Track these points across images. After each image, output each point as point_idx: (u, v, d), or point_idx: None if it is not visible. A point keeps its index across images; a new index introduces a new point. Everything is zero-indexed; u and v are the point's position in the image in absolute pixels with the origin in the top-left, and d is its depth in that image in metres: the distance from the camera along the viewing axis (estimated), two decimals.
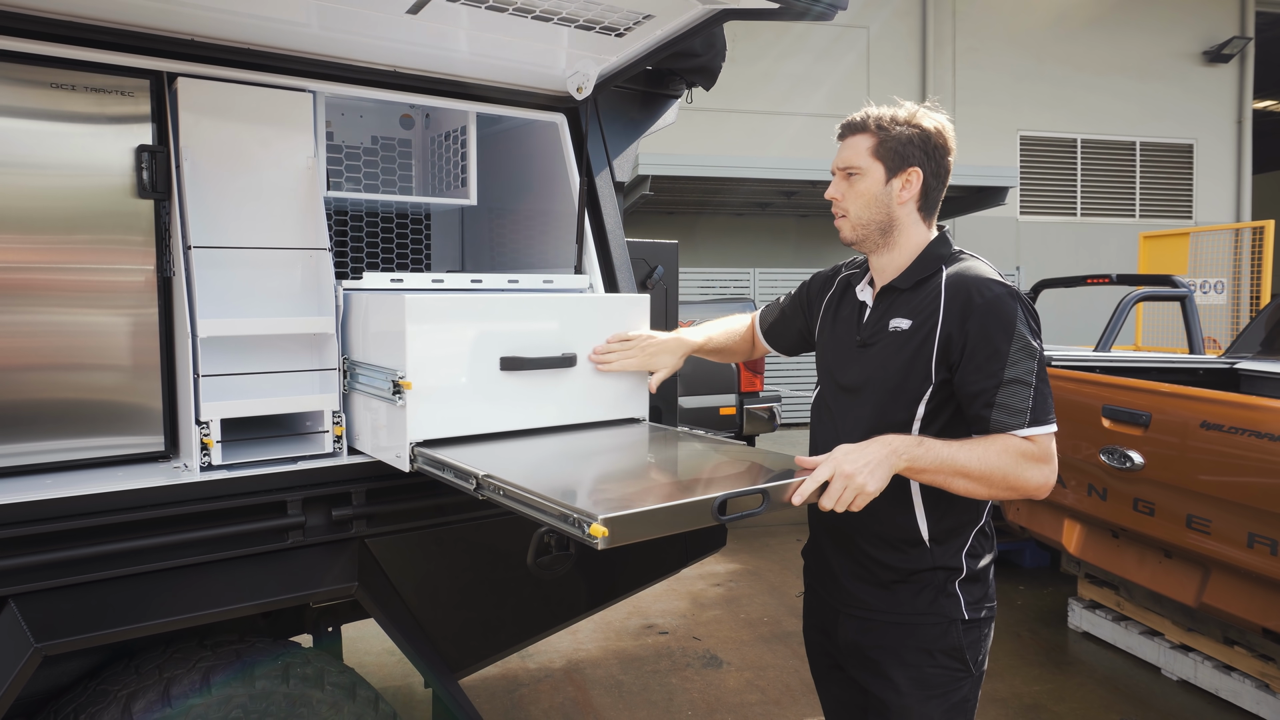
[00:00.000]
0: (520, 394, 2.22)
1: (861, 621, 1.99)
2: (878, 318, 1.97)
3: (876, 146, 1.91)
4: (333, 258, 2.34)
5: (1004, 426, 1.76)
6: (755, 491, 1.68)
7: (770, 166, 10.55)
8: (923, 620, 1.91)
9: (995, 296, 1.81)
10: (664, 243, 2.84)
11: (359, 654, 4.28)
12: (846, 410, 2.00)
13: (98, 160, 2.06)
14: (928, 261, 1.94)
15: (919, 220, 1.96)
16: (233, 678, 2.06)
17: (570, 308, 2.34)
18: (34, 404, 2.03)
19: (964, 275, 1.87)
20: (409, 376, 2.04)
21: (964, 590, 1.92)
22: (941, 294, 1.87)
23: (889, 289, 1.97)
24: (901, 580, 1.93)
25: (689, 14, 2.21)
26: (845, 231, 1.99)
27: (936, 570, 1.91)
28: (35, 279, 2.00)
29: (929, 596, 1.91)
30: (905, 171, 1.91)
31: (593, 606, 2.67)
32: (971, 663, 1.92)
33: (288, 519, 2.12)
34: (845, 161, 1.96)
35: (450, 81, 2.51)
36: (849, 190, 1.96)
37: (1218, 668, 3.99)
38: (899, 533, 1.92)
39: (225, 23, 2.12)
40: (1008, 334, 1.78)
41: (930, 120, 1.92)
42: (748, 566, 5.93)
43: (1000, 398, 1.77)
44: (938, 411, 1.88)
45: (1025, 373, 1.77)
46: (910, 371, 1.87)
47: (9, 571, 1.82)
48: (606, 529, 1.46)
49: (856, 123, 1.96)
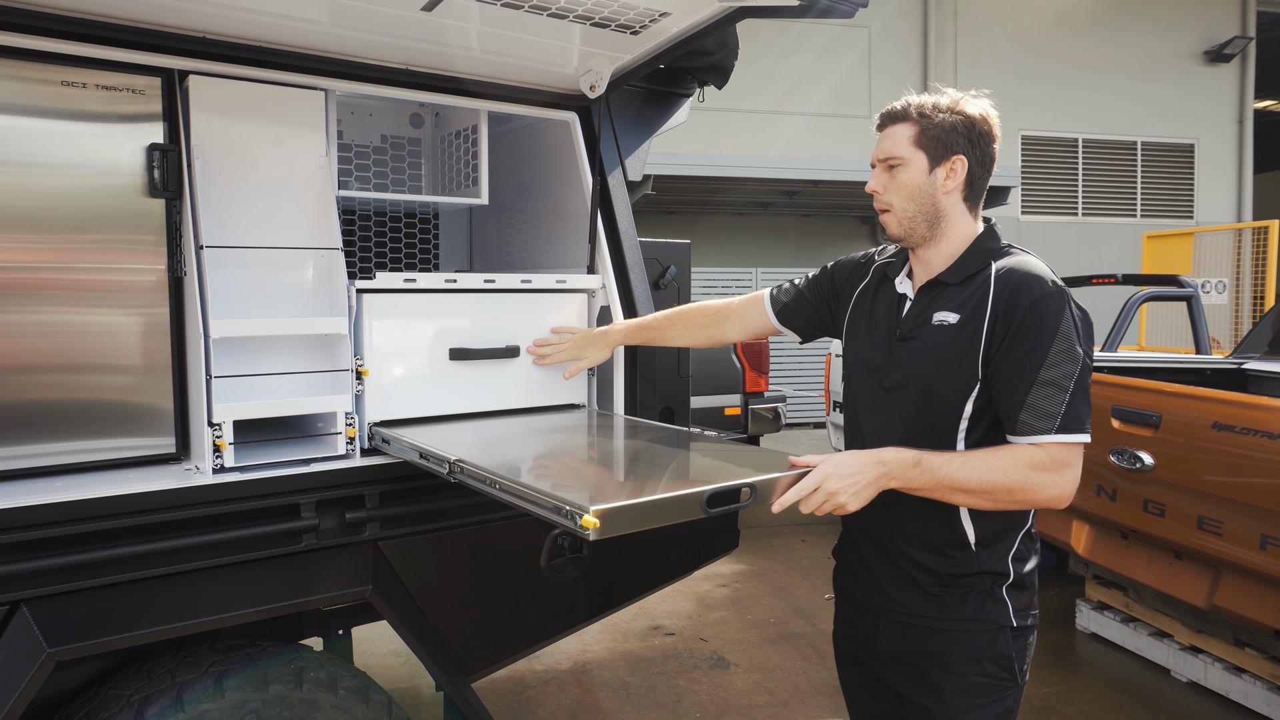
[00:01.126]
0: (469, 381, 2.46)
1: (904, 627, 1.89)
2: (919, 310, 1.88)
3: (918, 135, 1.82)
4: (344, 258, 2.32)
5: (1030, 429, 1.70)
6: (743, 485, 1.68)
7: (771, 166, 10.53)
8: (970, 627, 1.83)
9: (1044, 294, 1.73)
10: (676, 242, 2.83)
11: (364, 655, 4.25)
12: (883, 406, 1.91)
13: (108, 159, 2.04)
14: (976, 255, 1.84)
15: (965, 211, 1.87)
16: (245, 682, 2.04)
17: (512, 304, 2.53)
18: (44, 405, 2.00)
19: (1015, 270, 1.78)
20: (367, 364, 2.26)
21: (1012, 596, 1.84)
22: (991, 287, 1.78)
23: (934, 283, 1.88)
24: (946, 585, 1.85)
25: (706, 11, 2.19)
26: (891, 227, 1.89)
27: (983, 575, 1.83)
28: (45, 278, 1.98)
29: (976, 602, 1.83)
30: (949, 160, 1.81)
31: (606, 609, 2.65)
32: (1018, 672, 1.85)
33: (301, 522, 2.10)
34: (886, 152, 1.86)
35: (463, 79, 2.50)
36: (890, 182, 1.86)
37: (1228, 669, 3.97)
38: (943, 536, 1.84)
39: (237, 20, 2.09)
40: (1050, 333, 1.70)
41: (974, 106, 1.84)
42: (753, 567, 5.91)
43: (1032, 398, 1.69)
44: (985, 410, 1.79)
45: (1063, 376, 1.69)
46: (956, 367, 1.78)
47: (21, 576, 1.80)
48: (598, 520, 1.49)
49: (897, 111, 1.86)
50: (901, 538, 1.88)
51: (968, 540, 1.83)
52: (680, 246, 2.82)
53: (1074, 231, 14.00)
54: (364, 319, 2.25)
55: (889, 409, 1.89)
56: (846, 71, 13.04)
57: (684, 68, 2.82)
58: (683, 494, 1.60)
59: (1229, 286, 9.93)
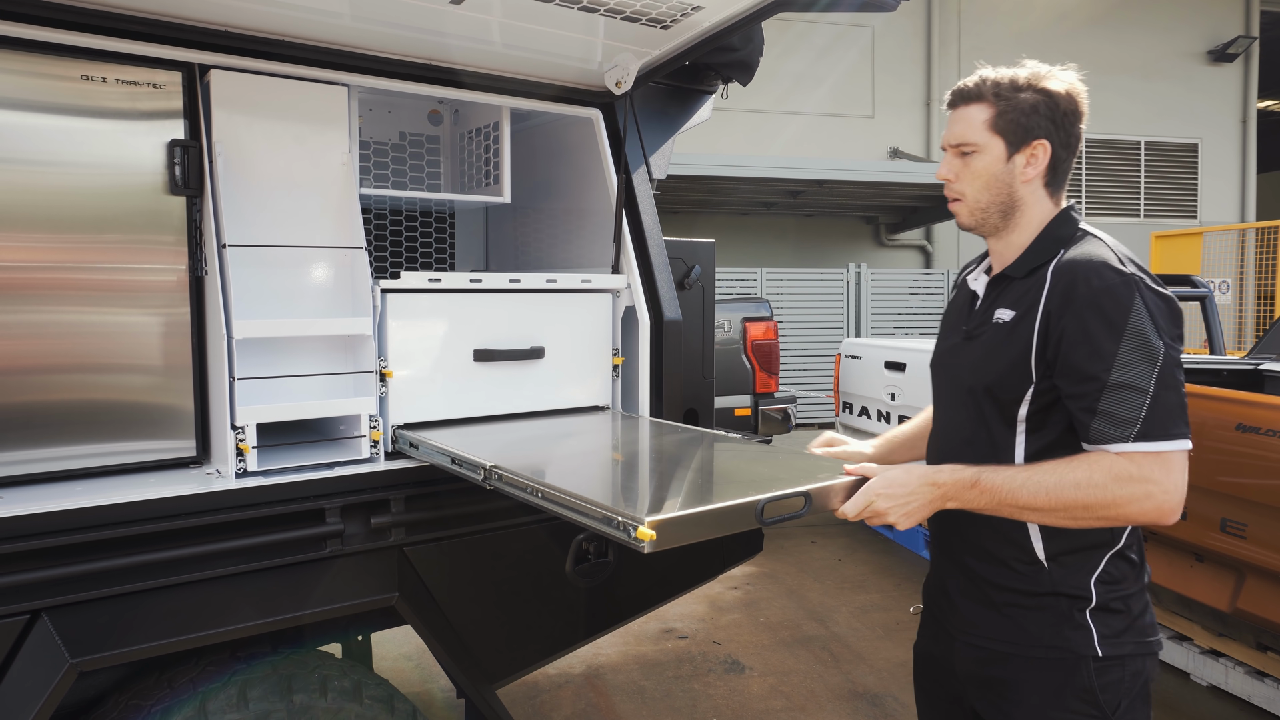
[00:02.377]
0: (493, 383, 2.42)
1: (977, 650, 1.73)
2: (986, 308, 1.75)
3: (995, 118, 1.65)
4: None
5: (1105, 437, 1.53)
6: (798, 494, 1.63)
7: (774, 165, 10.48)
8: (1047, 654, 1.64)
9: (1106, 286, 1.54)
10: (701, 241, 2.78)
11: (376, 659, 4.19)
12: (952, 407, 1.80)
13: (128, 156, 2.00)
14: (1045, 245, 1.68)
15: (1045, 197, 1.70)
16: (269, 691, 1.99)
17: (536, 304, 2.49)
18: (62, 407, 1.96)
19: (1077, 260, 1.61)
20: (391, 365, 2.22)
21: (1097, 622, 1.62)
22: (1048, 278, 1.62)
23: (1002, 277, 1.74)
24: (1016, 604, 1.68)
25: (739, 5, 2.15)
26: (962, 217, 1.75)
27: (1058, 596, 1.64)
28: (64, 278, 1.93)
29: (1052, 626, 1.64)
30: (1030, 145, 1.65)
31: (632, 614, 2.60)
32: (1110, 709, 1.62)
33: (326, 527, 2.05)
34: (959, 137, 1.69)
35: (486, 75, 2.45)
36: (964, 170, 1.70)
37: (1250, 673, 3.92)
38: (1008, 549, 1.68)
39: (260, 13, 2.05)
40: (1116, 329, 1.52)
41: (1057, 82, 1.66)
42: (764, 569, 5.87)
43: (1105, 404, 1.52)
44: (1049, 411, 1.63)
45: (1138, 377, 1.51)
46: (1009, 369, 1.64)
47: (41, 584, 1.75)
48: (655, 532, 1.43)
49: (970, 90, 1.69)
50: (965, 550, 1.76)
51: (1036, 555, 1.66)
52: (705, 246, 2.78)
53: None
54: (388, 319, 2.21)
55: (956, 410, 1.79)
56: (849, 70, 13.00)
57: (709, 64, 2.77)
58: (737, 504, 1.55)
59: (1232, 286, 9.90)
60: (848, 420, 6.68)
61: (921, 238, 13.53)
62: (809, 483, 1.68)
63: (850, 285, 11.58)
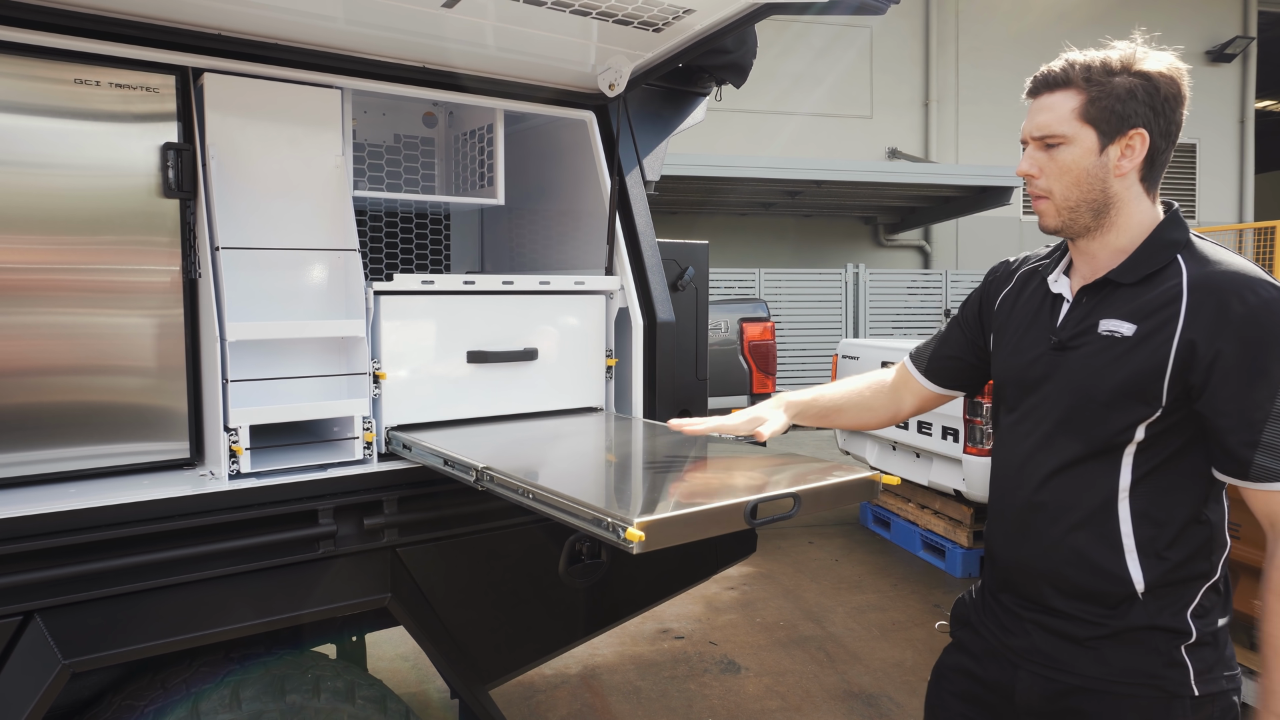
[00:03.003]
0: (487, 384, 2.43)
1: (1049, 682, 1.57)
2: (1083, 315, 1.56)
3: (1085, 106, 1.48)
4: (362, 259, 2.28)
5: (1272, 474, 1.39)
6: (787, 495, 1.64)
7: (772, 165, 10.49)
8: (1139, 693, 1.49)
9: (1265, 301, 1.39)
10: (695, 243, 2.79)
11: (372, 660, 4.21)
12: (1036, 429, 1.60)
13: (122, 159, 2.00)
14: (1157, 249, 1.50)
15: (1142, 194, 1.54)
16: (262, 692, 2.00)
17: (530, 306, 2.50)
18: (56, 409, 1.96)
19: (1217, 270, 1.45)
20: (384, 367, 2.22)
21: (1194, 658, 1.49)
22: (1184, 293, 1.45)
23: (1103, 283, 1.55)
24: (1106, 638, 1.52)
25: (731, 8, 2.15)
26: (1048, 217, 1.56)
27: (1155, 631, 1.49)
28: (58, 280, 1.93)
29: (1147, 663, 1.50)
30: (1126, 135, 1.48)
31: (625, 614, 2.61)
32: None
33: (319, 528, 2.05)
34: (1043, 128, 1.52)
35: (479, 78, 2.46)
36: (1049, 164, 1.53)
37: (1243, 673, 3.93)
38: (1099, 580, 1.52)
39: (253, 17, 2.05)
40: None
41: (1155, 63, 1.49)
42: (760, 570, 5.88)
43: (1269, 435, 1.37)
44: (1162, 438, 1.49)
45: None
46: (1130, 388, 1.47)
47: (34, 585, 1.76)
48: (643, 533, 1.44)
49: (1056, 76, 1.52)
50: (1042, 578, 1.59)
51: (1133, 587, 1.50)
52: (699, 248, 2.78)
53: None
54: (381, 321, 2.22)
55: (1043, 432, 1.59)
56: (847, 70, 13.02)
57: (702, 66, 2.78)
58: (726, 505, 1.56)
59: None
60: None
61: (920, 238, 13.55)
62: (799, 484, 1.70)
63: (848, 286, 11.60)
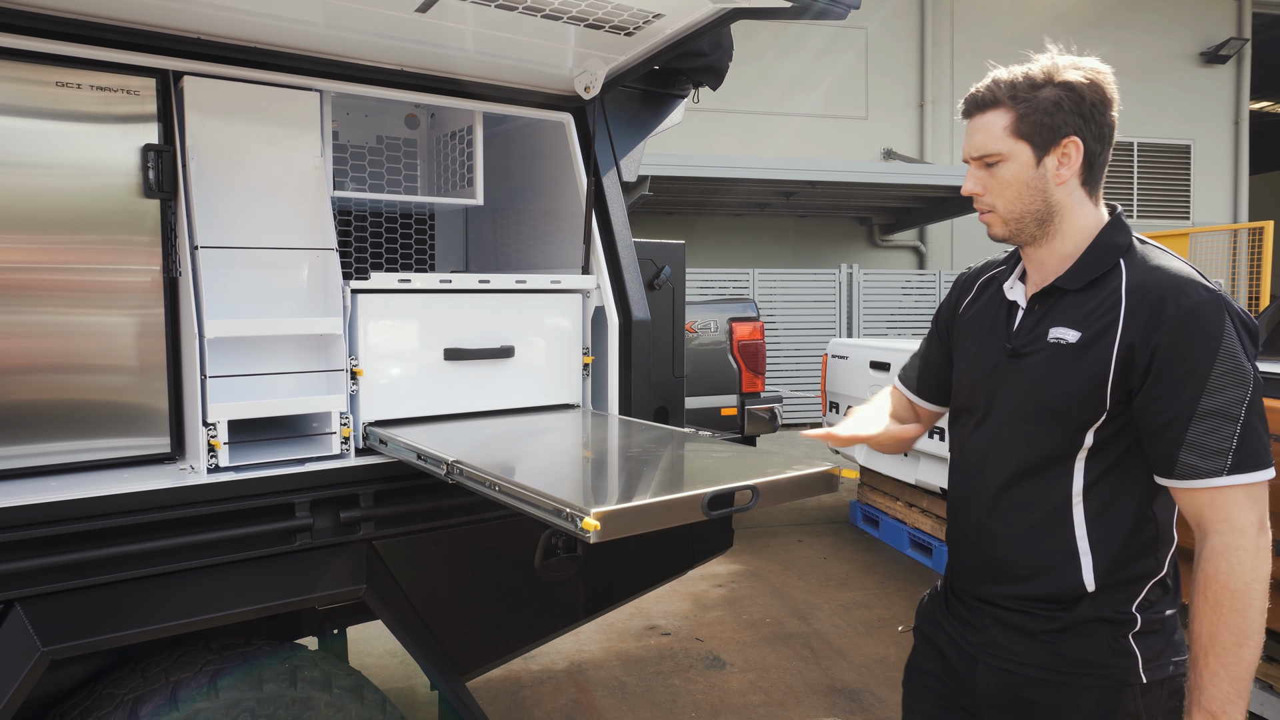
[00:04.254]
0: (464, 381, 2.47)
1: (1006, 674, 1.62)
2: (1034, 323, 1.60)
3: (1016, 122, 1.53)
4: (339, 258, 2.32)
5: (1196, 472, 1.42)
6: (745, 487, 1.68)
7: (768, 167, 10.54)
8: (1091, 682, 1.54)
9: (1197, 304, 1.43)
10: (671, 243, 2.83)
11: (360, 655, 4.26)
12: (992, 435, 1.64)
13: (103, 160, 2.05)
14: (1100, 254, 1.55)
15: (1084, 198, 1.58)
16: (239, 681, 2.05)
17: (507, 304, 2.54)
18: (39, 405, 2.01)
19: (1154, 274, 1.49)
20: (362, 364, 2.27)
21: (1141, 645, 1.54)
22: (1122, 298, 1.49)
23: (1051, 290, 1.59)
24: (1058, 632, 1.57)
25: (699, 13, 2.20)
26: (995, 228, 1.61)
27: (1102, 622, 1.54)
28: (40, 279, 1.98)
29: (1097, 653, 1.54)
30: (1060, 145, 1.52)
31: (600, 608, 2.66)
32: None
33: (296, 521, 2.10)
34: (980, 148, 1.56)
35: (458, 80, 2.50)
36: (991, 181, 1.57)
37: None
38: (1052, 580, 1.57)
39: (232, 21, 2.10)
40: (1211, 351, 1.41)
41: (1077, 71, 1.53)
42: (749, 567, 5.92)
43: (1194, 434, 1.41)
44: (1111, 442, 1.53)
45: (1231, 403, 1.40)
46: (1078, 394, 1.51)
47: (15, 575, 1.81)
48: (599, 523, 1.49)
49: (984, 96, 1.56)
50: (998, 577, 1.64)
51: (1084, 586, 1.56)
52: (675, 247, 2.83)
53: None
54: (359, 319, 2.26)
55: (999, 438, 1.63)
56: (844, 72, 13.07)
57: (678, 69, 2.82)
58: (683, 496, 1.61)
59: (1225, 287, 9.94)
60: (834, 420, 6.74)
61: (915, 238, 13.58)
62: (758, 476, 1.74)
63: (842, 286, 11.64)
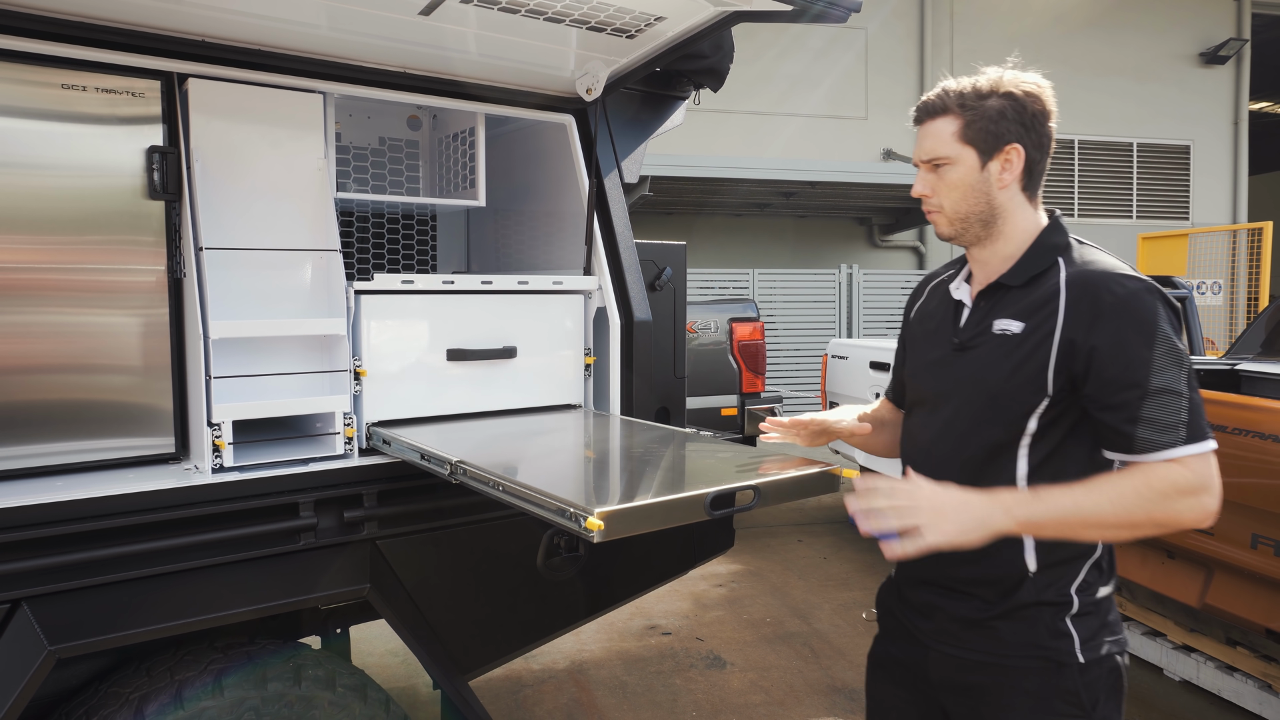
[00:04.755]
0: (466, 382, 2.47)
1: (954, 660, 1.71)
2: (980, 318, 1.71)
3: (964, 128, 1.64)
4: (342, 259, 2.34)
5: (1155, 445, 1.50)
6: (747, 488, 1.70)
7: (768, 167, 10.54)
8: (1031, 664, 1.63)
9: (1130, 292, 1.55)
10: (672, 244, 2.85)
11: (362, 655, 4.27)
12: (941, 424, 1.73)
13: (108, 161, 2.06)
14: (1041, 254, 1.67)
15: (1025, 202, 1.69)
16: (244, 680, 2.06)
17: (509, 305, 2.55)
18: (44, 405, 2.02)
19: (1089, 269, 1.61)
20: (365, 364, 2.28)
21: (1078, 626, 1.63)
22: (1062, 292, 1.61)
23: (995, 286, 1.70)
24: (998, 617, 1.66)
25: (700, 16, 2.21)
26: (941, 227, 1.73)
27: (1041, 606, 1.63)
28: (46, 280, 2.00)
29: (1036, 635, 1.63)
30: (1003, 151, 1.64)
31: (602, 608, 2.67)
32: (1091, 705, 1.63)
33: (300, 521, 2.12)
34: (930, 152, 1.69)
35: (460, 83, 2.52)
36: (939, 183, 1.69)
37: (1220, 668, 3.99)
38: (1000, 565, 1.65)
39: (236, 23, 2.11)
40: (1149, 336, 1.52)
41: (1019, 84, 1.65)
42: (749, 567, 5.94)
43: (1147, 411, 1.51)
44: (1051, 428, 1.62)
45: (1174, 380, 1.51)
46: (1020, 382, 1.61)
47: (21, 574, 1.82)
48: (603, 523, 1.50)
49: (934, 104, 1.68)
50: (942, 563, 1.67)
51: (1025, 569, 1.64)
52: (676, 248, 2.84)
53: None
54: (362, 320, 2.27)
55: (947, 426, 1.72)
56: (843, 73, 13.07)
57: (679, 71, 2.84)
58: (686, 496, 1.62)
59: (1224, 287, 9.96)
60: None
61: (915, 239, 13.59)
62: (760, 477, 1.75)
63: (842, 286, 11.65)
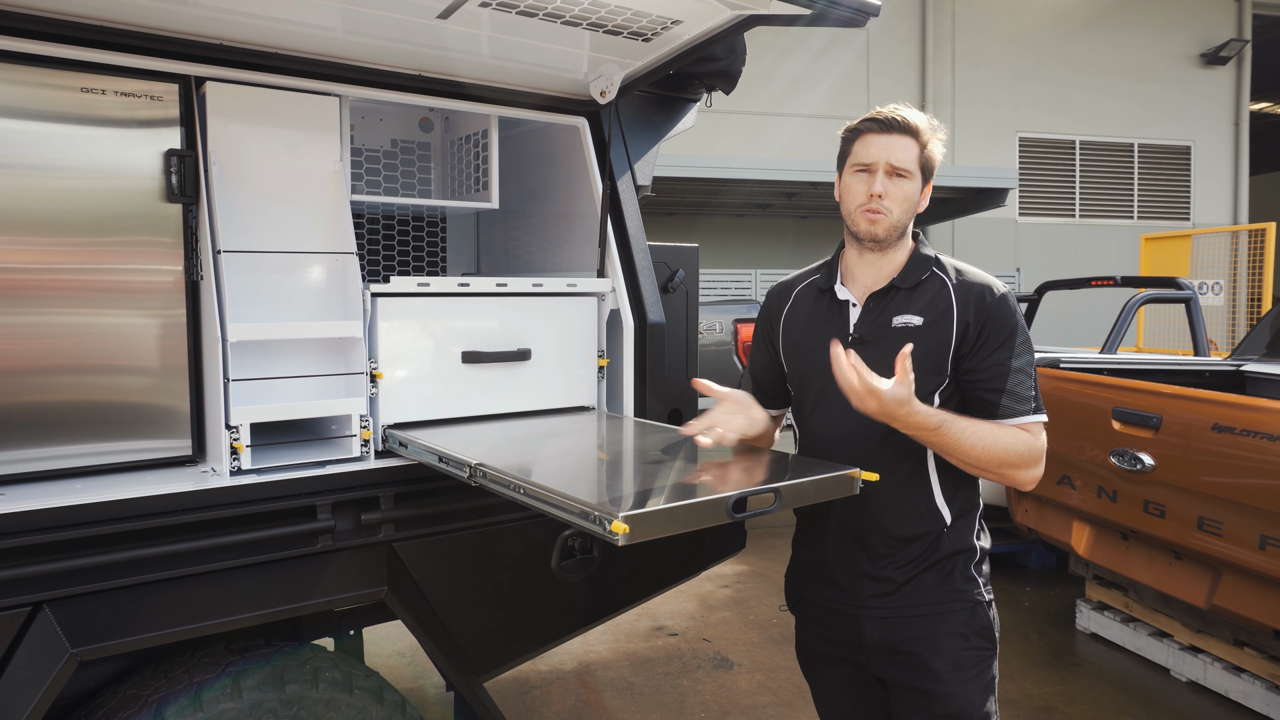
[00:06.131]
0: (481, 384, 2.48)
1: (887, 621, 1.99)
2: (876, 315, 2.00)
3: (920, 154, 1.95)
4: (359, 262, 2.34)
5: (1012, 412, 1.91)
6: (768, 491, 1.71)
7: (769, 167, 10.55)
8: (953, 607, 1.97)
9: (1003, 295, 1.97)
10: (685, 246, 2.85)
11: (369, 656, 4.27)
12: (845, 412, 1.89)
13: (127, 164, 2.06)
14: (920, 263, 2.01)
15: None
16: (262, 682, 2.06)
17: (523, 307, 2.55)
18: (62, 407, 2.02)
19: (969, 275, 2.01)
20: (381, 367, 2.28)
21: (978, 571, 2.01)
22: (953, 292, 1.97)
23: (889, 289, 2.00)
24: (923, 570, 1.97)
25: (717, 19, 2.22)
26: (880, 231, 1.96)
27: (956, 555, 1.97)
28: (64, 281, 2.00)
29: (954, 582, 1.97)
30: (929, 183, 2.00)
31: (616, 609, 2.67)
32: (994, 640, 2.02)
33: (317, 523, 2.12)
34: (900, 162, 1.93)
35: (475, 85, 2.52)
36: (895, 190, 1.94)
37: (1228, 669, 4.00)
38: (924, 523, 1.96)
39: (254, 27, 2.12)
40: (1013, 328, 1.93)
41: (943, 133, 2.01)
42: (755, 568, 5.94)
43: (1010, 384, 1.91)
44: (947, 405, 1.95)
45: (1028, 364, 1.93)
46: (928, 364, 1.93)
47: (43, 577, 1.82)
48: (628, 526, 1.50)
49: (910, 125, 1.94)
50: (876, 533, 1.98)
51: (942, 522, 1.97)
52: (688, 251, 2.85)
53: (1071, 233, 14.05)
54: (378, 322, 2.28)
55: (857, 416, 1.86)
56: (844, 73, 13.09)
57: (692, 73, 2.84)
58: (709, 499, 1.62)
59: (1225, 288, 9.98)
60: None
61: None
62: (780, 480, 1.76)
63: None
